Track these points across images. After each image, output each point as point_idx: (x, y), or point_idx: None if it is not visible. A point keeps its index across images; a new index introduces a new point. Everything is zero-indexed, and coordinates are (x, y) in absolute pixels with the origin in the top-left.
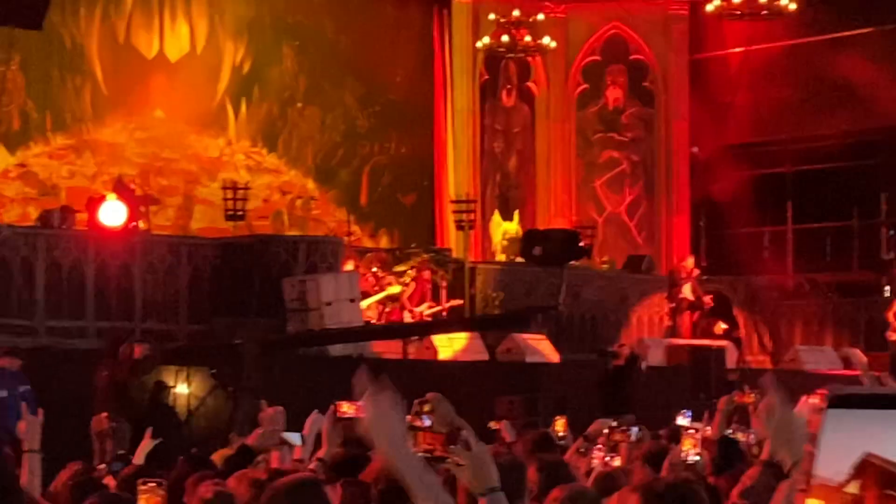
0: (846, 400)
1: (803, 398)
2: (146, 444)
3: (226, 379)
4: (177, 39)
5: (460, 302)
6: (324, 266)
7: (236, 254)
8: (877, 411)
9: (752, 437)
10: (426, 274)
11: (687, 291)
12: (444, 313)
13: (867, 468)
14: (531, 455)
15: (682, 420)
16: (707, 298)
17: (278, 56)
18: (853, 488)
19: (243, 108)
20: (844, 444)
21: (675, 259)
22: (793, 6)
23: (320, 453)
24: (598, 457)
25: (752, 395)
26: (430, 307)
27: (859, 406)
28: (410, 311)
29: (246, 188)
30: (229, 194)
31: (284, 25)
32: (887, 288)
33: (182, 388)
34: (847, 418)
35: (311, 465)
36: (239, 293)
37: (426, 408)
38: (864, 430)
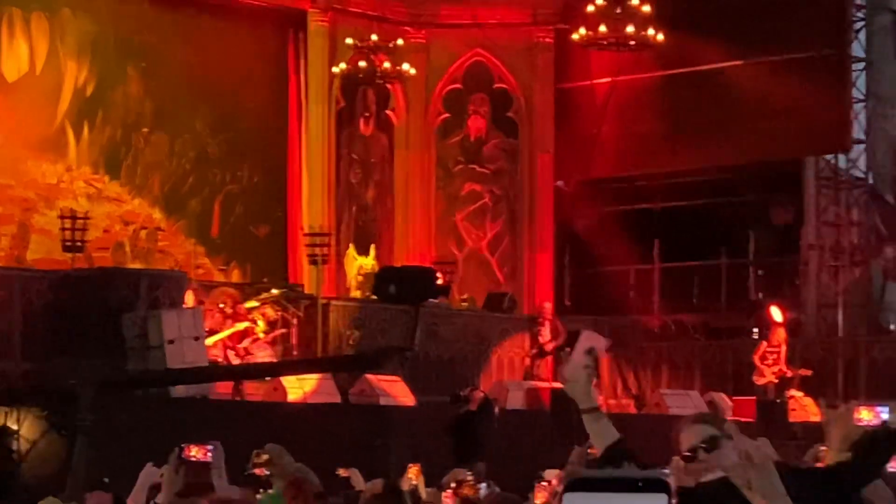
0: (583, 483)
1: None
2: None
3: (60, 421)
4: (15, 58)
5: (284, 331)
6: (167, 301)
7: (74, 287)
8: (613, 494)
9: None
10: (240, 308)
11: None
12: (271, 344)
13: None
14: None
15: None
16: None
17: (123, 78)
18: None
19: (85, 132)
20: None
21: (537, 297)
22: (661, 37)
23: (159, 498)
24: None
25: None
26: (254, 340)
27: (596, 489)
28: (234, 349)
29: (86, 217)
30: (67, 224)
31: (130, 46)
32: (756, 330)
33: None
34: (586, 502)
35: None
36: (76, 330)
37: (263, 458)
38: None
